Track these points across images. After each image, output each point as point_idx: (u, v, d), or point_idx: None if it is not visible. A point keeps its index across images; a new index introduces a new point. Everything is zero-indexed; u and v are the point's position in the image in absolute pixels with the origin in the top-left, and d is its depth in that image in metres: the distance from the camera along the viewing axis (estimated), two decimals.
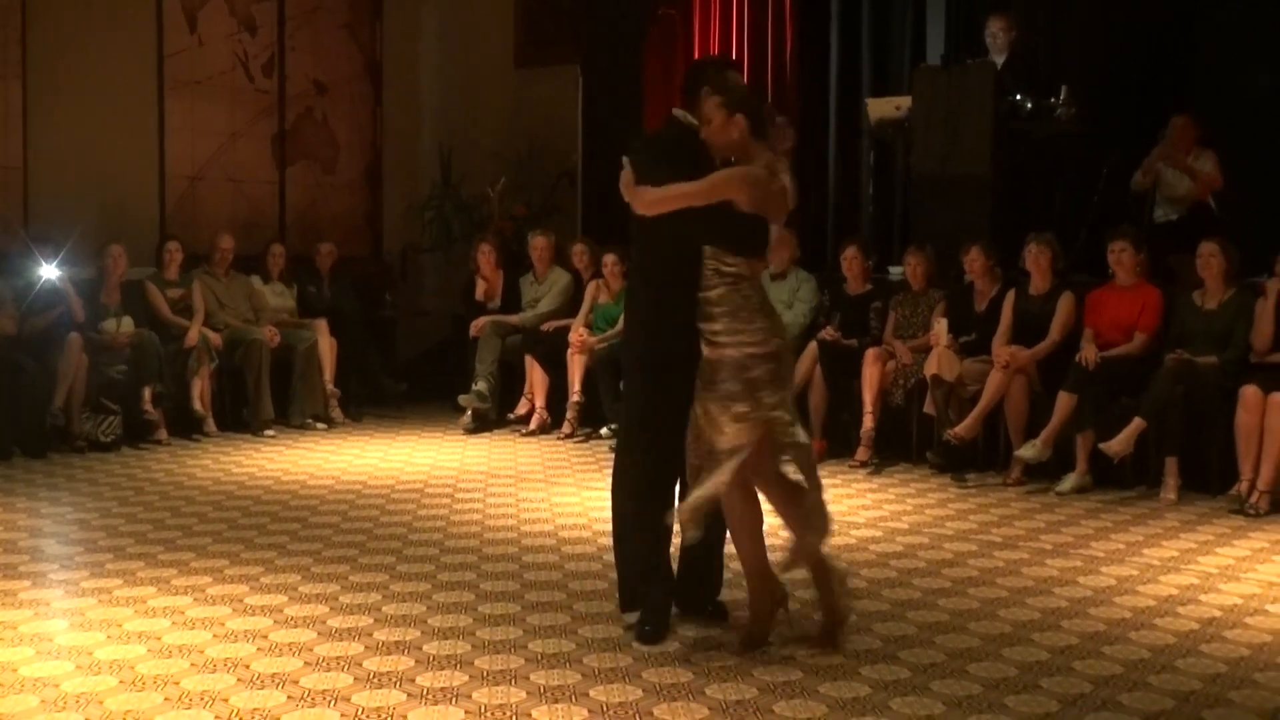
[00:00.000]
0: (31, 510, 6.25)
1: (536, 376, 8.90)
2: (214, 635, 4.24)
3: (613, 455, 7.72)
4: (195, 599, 4.67)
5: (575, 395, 8.58)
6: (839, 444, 7.77)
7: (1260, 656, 4.18)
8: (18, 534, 5.72)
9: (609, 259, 8.87)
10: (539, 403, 8.87)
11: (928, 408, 7.39)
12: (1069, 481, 6.84)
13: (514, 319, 9.22)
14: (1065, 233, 7.76)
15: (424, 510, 6.30)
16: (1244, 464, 6.43)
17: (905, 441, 7.71)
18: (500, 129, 11.05)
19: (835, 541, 5.60)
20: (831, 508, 6.30)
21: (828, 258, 9.10)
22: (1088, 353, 6.93)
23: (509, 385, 9.11)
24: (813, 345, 7.86)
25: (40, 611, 4.53)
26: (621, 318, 8.53)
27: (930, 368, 7.26)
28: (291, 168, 10.63)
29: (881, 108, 9.00)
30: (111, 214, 9.01)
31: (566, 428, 8.57)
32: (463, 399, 8.87)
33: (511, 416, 9.02)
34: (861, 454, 7.50)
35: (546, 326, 9.07)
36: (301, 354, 8.93)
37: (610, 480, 4.55)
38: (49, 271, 8.05)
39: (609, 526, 5.80)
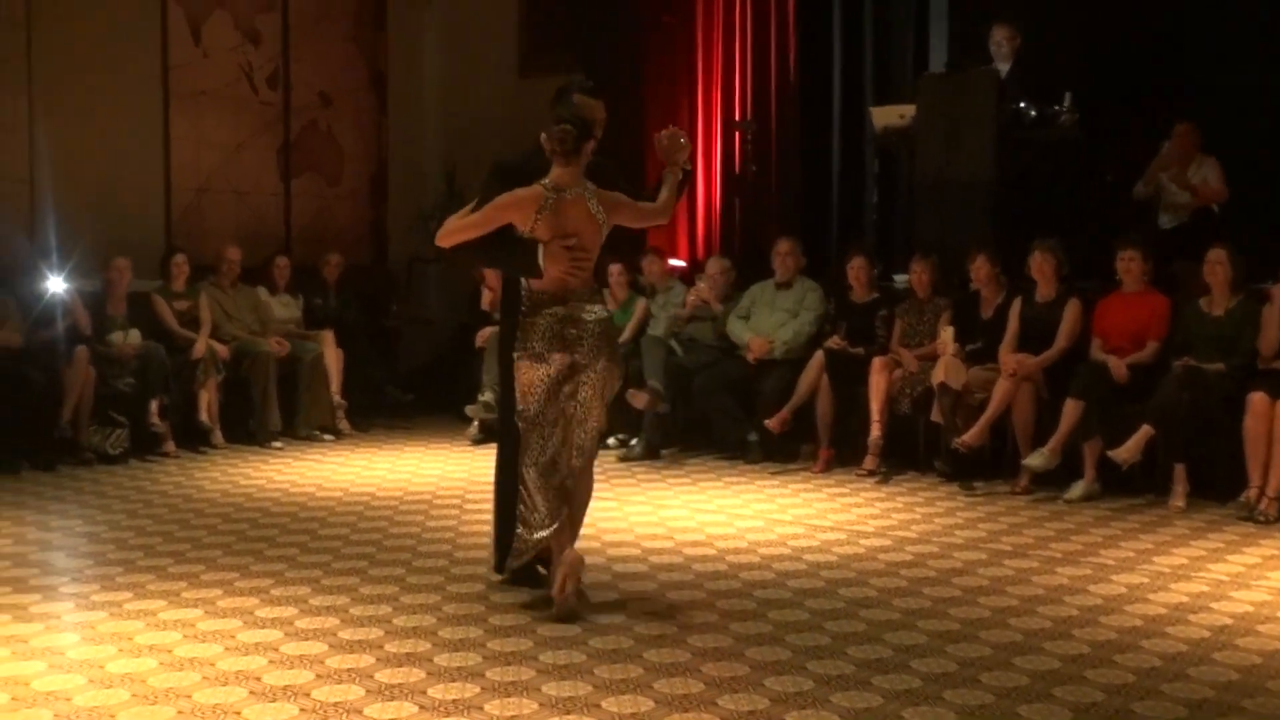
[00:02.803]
0: (41, 523, 6.26)
1: None
2: (225, 648, 4.24)
3: (619, 465, 7.77)
4: (206, 612, 4.67)
5: None
6: (846, 453, 7.77)
7: (1272, 664, 4.18)
8: (27, 547, 5.73)
9: (614, 269, 8.87)
10: None
11: (935, 416, 7.39)
12: (1077, 489, 6.84)
13: None
14: (1069, 239, 7.76)
15: (433, 521, 6.30)
16: (1252, 470, 6.42)
17: (913, 450, 7.70)
18: (505, 138, 10.99)
19: (843, 551, 5.63)
20: (839, 517, 6.37)
21: (833, 266, 9.09)
22: (1116, 368, 6.88)
23: None
24: (819, 354, 7.87)
25: (51, 625, 4.53)
26: (628, 327, 8.66)
27: (937, 376, 7.26)
28: (296, 179, 10.66)
29: (885, 115, 9.00)
30: (117, 226, 9.02)
31: None
32: (469, 409, 8.87)
33: None
34: (869, 463, 7.49)
35: None
36: (306, 365, 8.94)
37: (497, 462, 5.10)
38: (55, 284, 8.08)
39: (617, 537, 5.87)
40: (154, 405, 8.17)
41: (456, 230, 4.70)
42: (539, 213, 4.64)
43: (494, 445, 8.53)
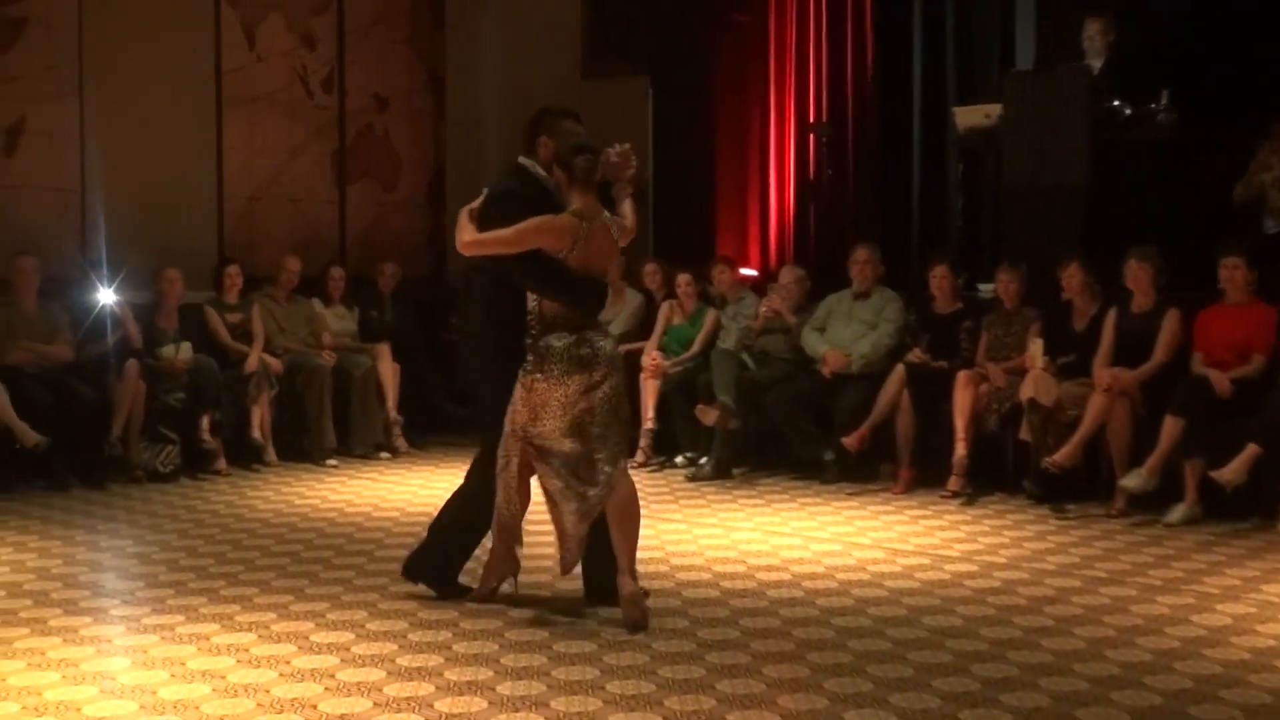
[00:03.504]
0: (91, 543, 6.37)
1: None
2: (279, 674, 4.29)
3: (687, 485, 7.77)
4: (260, 636, 4.72)
5: (648, 422, 8.58)
6: (929, 473, 7.70)
7: None
8: (78, 568, 5.83)
9: (682, 279, 8.88)
10: None
11: (1024, 434, 7.31)
12: (1178, 512, 6.73)
13: None
14: (1167, 246, 7.66)
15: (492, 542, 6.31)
16: None
17: (1000, 470, 7.63)
18: None
19: (926, 576, 5.59)
20: (922, 540, 6.32)
21: (914, 275, 9.04)
22: (1219, 383, 6.77)
23: None
24: (900, 368, 7.81)
25: (102, 649, 4.61)
26: (697, 340, 8.66)
27: (1026, 391, 7.18)
28: (352, 186, 10.78)
29: (970, 116, 8.94)
30: (168, 236, 9.17)
31: (640, 456, 8.55)
32: None
33: None
34: (953, 484, 7.43)
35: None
36: (358, 380, 9.01)
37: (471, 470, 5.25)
38: (106, 296, 8.22)
39: (687, 560, 5.86)
40: (205, 421, 8.28)
41: (487, 243, 5.00)
42: (575, 243, 4.89)
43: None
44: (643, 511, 6.91)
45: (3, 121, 8.90)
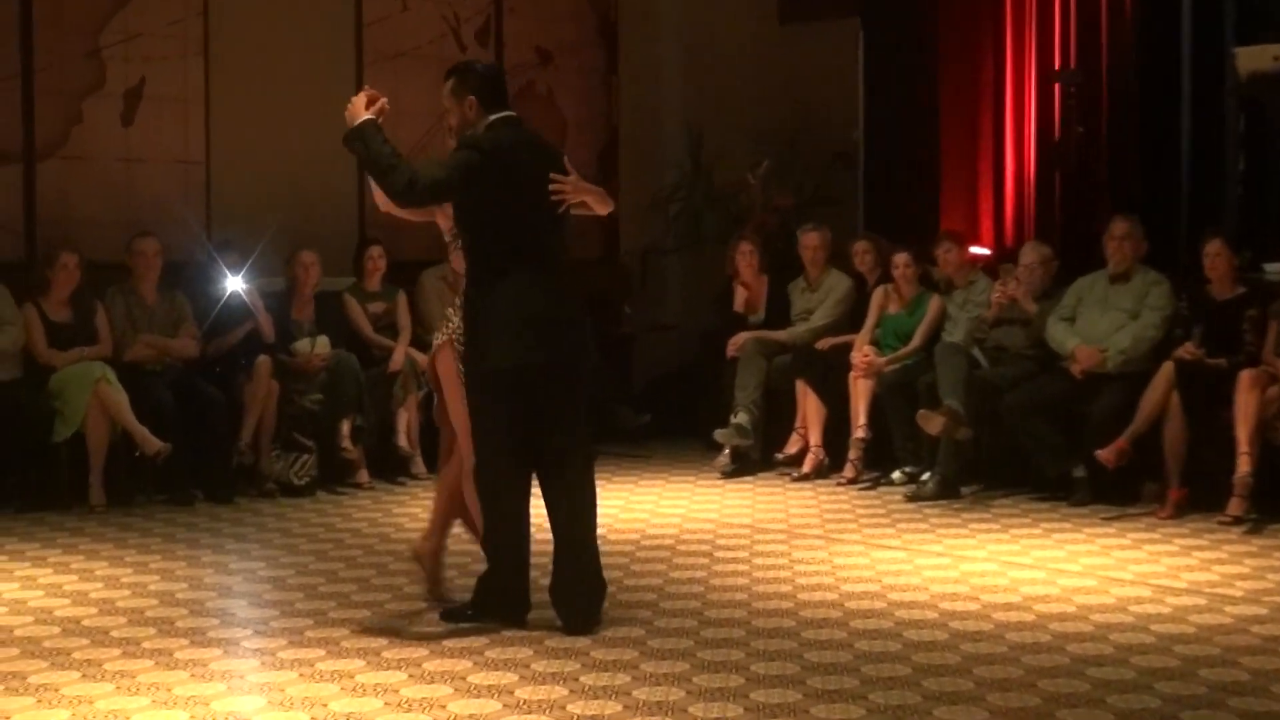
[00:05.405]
0: (219, 565, 6.60)
1: (810, 406, 8.88)
2: (432, 719, 4.37)
3: (907, 506, 7.71)
4: (410, 675, 4.82)
5: (859, 430, 8.55)
6: (1204, 492, 7.50)
7: None
8: (205, 593, 6.04)
9: (900, 259, 8.81)
10: (814, 439, 8.85)
11: None
12: None
13: (781, 335, 9.24)
14: None
15: (677, 573, 6.37)
16: None
17: None
18: (761, 101, 11.10)
19: (1202, 620, 5.43)
20: (1196, 576, 6.15)
21: (1184, 253, 8.81)
22: None
23: (776, 417, 9.12)
24: (1168, 366, 7.63)
25: (234, 685, 4.76)
26: (918, 332, 8.57)
27: None
28: None
29: (1255, 58, 8.70)
30: (303, 214, 9.39)
31: (849, 470, 8.52)
32: (719, 434, 8.92)
33: (779, 456, 9.03)
34: (1234, 506, 7.23)
35: (822, 344, 9.06)
36: None
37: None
38: (234, 284, 8.47)
39: (908, 596, 5.82)
40: (345, 427, 8.49)
41: None
42: None
43: (749, 478, 8.77)
44: (855, 535, 6.96)
45: (121, 85, 9.25)
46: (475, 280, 5.42)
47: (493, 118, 5.48)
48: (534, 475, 5.46)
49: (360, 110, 5.43)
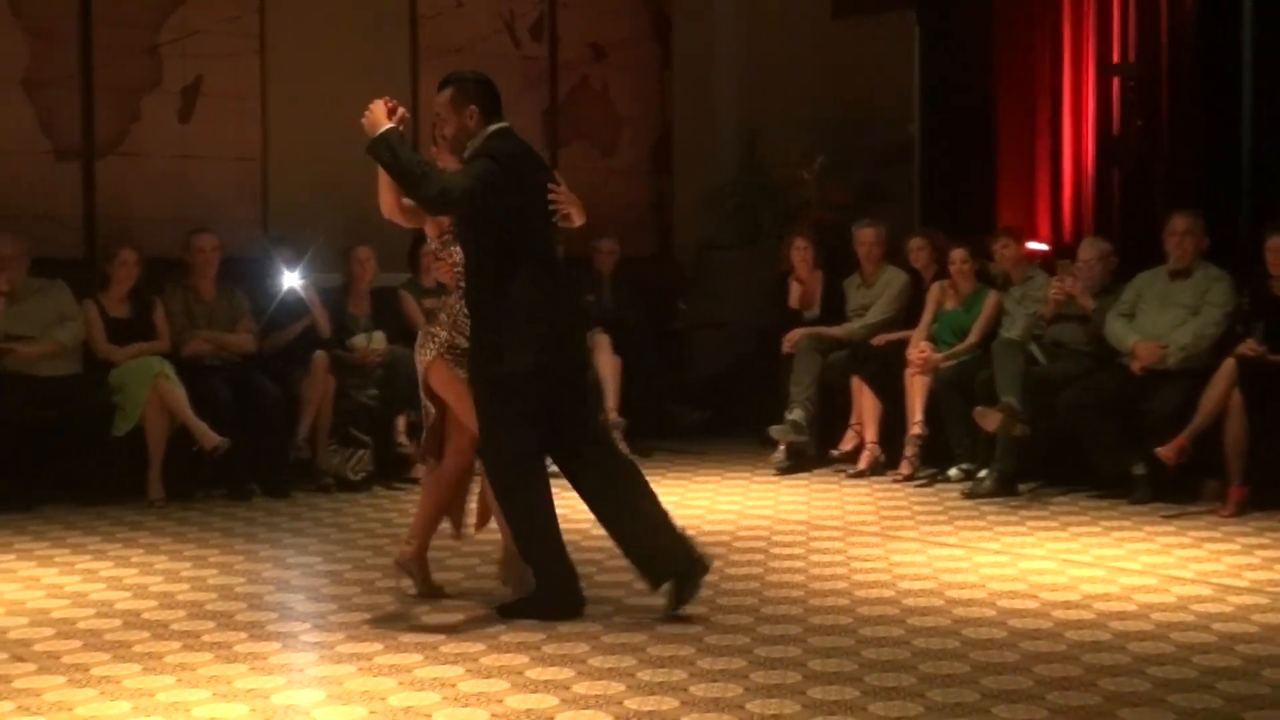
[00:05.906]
0: (277, 559, 6.65)
1: (866, 403, 8.88)
2: (491, 714, 4.39)
3: (964, 503, 7.70)
4: (467, 669, 4.84)
5: (915, 427, 8.54)
6: (1266, 490, 7.46)
7: None
8: (263, 587, 6.10)
9: (957, 255, 8.79)
10: (870, 436, 8.84)
11: None
12: None
13: (837, 331, 9.23)
14: None
15: (733, 569, 6.37)
16: None
17: None
18: (817, 95, 11.08)
19: (1265, 620, 5.40)
20: (1259, 575, 6.13)
21: (1246, 248, 8.72)
22: None
23: (831, 414, 9.12)
24: (1229, 363, 7.57)
25: (293, 679, 4.80)
26: (974, 328, 8.54)
27: None
28: (565, 149, 10.95)
29: None
30: (359, 208, 9.37)
31: (905, 467, 8.51)
32: (774, 431, 8.92)
33: (835, 453, 9.03)
34: None
35: (878, 340, 9.06)
36: None
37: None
38: (291, 279, 8.53)
39: (966, 594, 5.80)
40: (401, 422, 8.54)
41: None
42: None
43: (805, 475, 8.75)
44: (912, 533, 6.94)
45: (179, 82, 9.34)
46: (487, 286, 5.47)
47: (492, 128, 5.55)
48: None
49: (381, 119, 5.42)
